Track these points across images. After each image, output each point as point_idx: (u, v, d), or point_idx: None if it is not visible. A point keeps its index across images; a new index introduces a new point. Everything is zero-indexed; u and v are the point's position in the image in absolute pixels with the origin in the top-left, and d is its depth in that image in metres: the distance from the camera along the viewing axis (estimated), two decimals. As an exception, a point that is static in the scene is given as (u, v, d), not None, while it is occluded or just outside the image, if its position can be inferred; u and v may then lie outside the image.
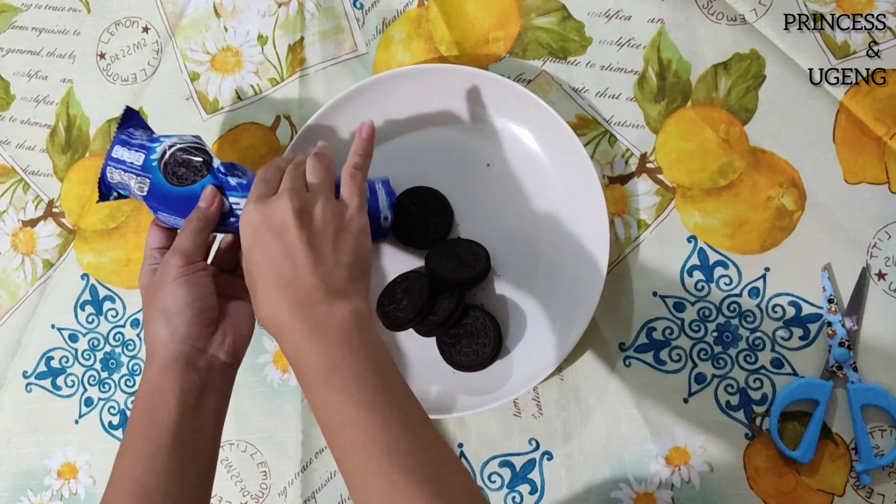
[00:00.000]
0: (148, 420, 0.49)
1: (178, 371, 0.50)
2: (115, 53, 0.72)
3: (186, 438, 0.49)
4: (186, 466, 0.49)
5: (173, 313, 0.51)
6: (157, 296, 0.52)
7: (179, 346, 0.50)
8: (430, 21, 0.67)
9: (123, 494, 0.47)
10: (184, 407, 0.49)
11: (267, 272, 0.48)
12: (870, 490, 0.59)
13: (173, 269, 0.52)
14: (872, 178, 0.61)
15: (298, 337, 0.46)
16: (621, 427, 0.62)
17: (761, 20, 0.63)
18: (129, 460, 0.49)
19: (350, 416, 0.43)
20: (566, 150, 0.61)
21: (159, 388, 0.49)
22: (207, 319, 0.52)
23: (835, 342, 0.60)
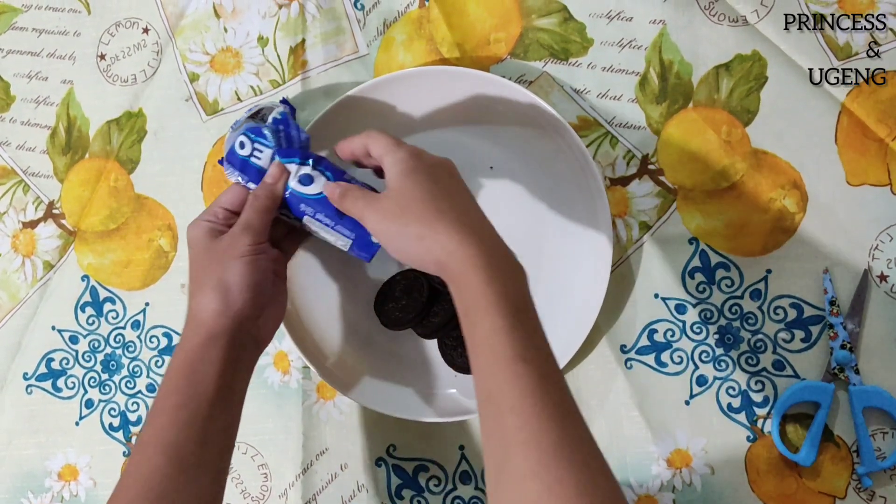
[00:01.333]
0: (188, 387, 0.49)
1: (224, 345, 0.50)
2: (115, 54, 0.71)
3: (221, 410, 0.50)
4: (217, 437, 0.50)
5: (233, 290, 0.51)
6: (220, 267, 0.51)
7: (230, 322, 0.50)
8: (431, 22, 0.67)
9: (157, 455, 0.48)
10: (223, 380, 0.50)
11: (442, 200, 0.47)
12: (871, 493, 0.59)
13: (242, 246, 0.51)
14: (874, 179, 0.61)
15: (485, 263, 0.44)
16: (623, 429, 0.62)
17: (763, 21, 0.63)
18: (165, 421, 0.49)
19: (531, 354, 0.42)
20: (568, 152, 0.61)
21: (202, 358, 0.50)
22: (261, 303, 0.53)
23: (836, 344, 0.60)
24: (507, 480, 0.39)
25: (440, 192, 0.48)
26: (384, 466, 0.65)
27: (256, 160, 0.55)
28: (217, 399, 0.49)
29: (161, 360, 0.69)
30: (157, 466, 0.47)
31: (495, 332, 0.42)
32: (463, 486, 0.64)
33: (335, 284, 0.66)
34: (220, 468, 0.50)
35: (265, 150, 0.55)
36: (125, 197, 0.70)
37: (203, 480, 0.48)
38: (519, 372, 0.41)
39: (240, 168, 0.56)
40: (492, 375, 0.42)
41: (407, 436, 0.65)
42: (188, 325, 0.51)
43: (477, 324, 0.43)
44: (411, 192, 0.48)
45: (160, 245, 0.69)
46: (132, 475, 0.48)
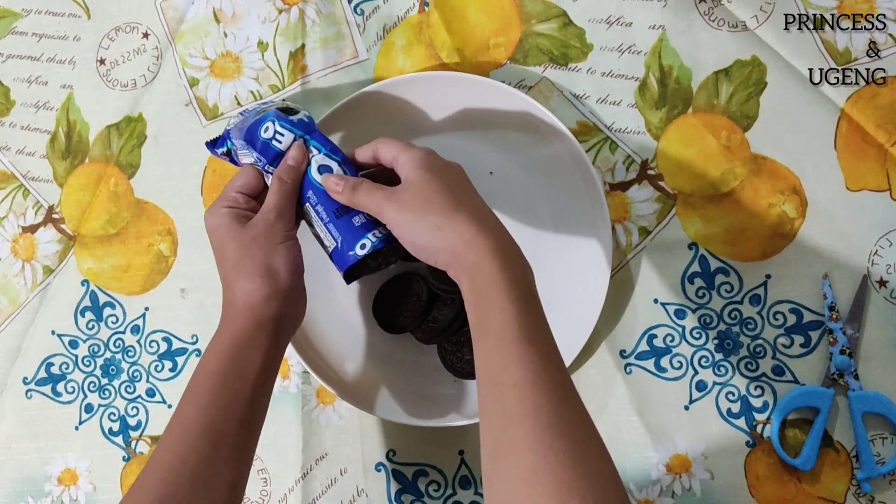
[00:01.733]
0: (233, 369, 0.50)
1: (272, 329, 0.51)
2: (115, 59, 0.71)
3: (260, 396, 0.51)
4: (254, 419, 0.51)
5: (281, 273, 0.51)
6: (263, 252, 0.51)
7: (280, 306, 0.51)
8: (430, 27, 0.67)
9: (195, 435, 0.48)
10: (266, 365, 0.51)
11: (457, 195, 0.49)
12: (871, 498, 0.59)
13: (281, 231, 0.52)
14: (874, 185, 0.61)
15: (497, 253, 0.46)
16: (622, 434, 0.62)
17: (762, 27, 0.63)
18: (205, 402, 0.49)
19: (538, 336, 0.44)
20: (567, 157, 0.61)
21: (250, 342, 0.50)
22: (302, 286, 0.54)
23: (836, 350, 0.60)
24: (504, 454, 0.40)
25: (456, 187, 0.50)
26: (384, 471, 0.65)
27: (277, 143, 0.55)
28: (259, 383, 0.50)
29: (161, 364, 0.69)
30: (195, 447, 0.47)
31: (504, 314, 0.44)
32: (462, 492, 0.64)
33: (335, 289, 0.66)
34: (251, 452, 0.51)
35: (286, 135, 0.55)
36: (125, 201, 0.70)
37: (236, 462, 0.49)
38: (524, 352, 0.42)
39: (259, 150, 0.55)
40: (498, 354, 0.43)
41: (406, 441, 0.65)
42: (231, 310, 0.52)
43: (489, 307, 0.45)
44: (430, 184, 0.49)
45: (160, 250, 0.69)
46: (167, 452, 0.48)
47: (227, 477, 0.48)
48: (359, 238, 0.53)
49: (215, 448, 0.48)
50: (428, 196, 0.49)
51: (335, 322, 0.65)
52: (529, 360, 0.42)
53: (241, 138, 0.56)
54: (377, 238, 0.53)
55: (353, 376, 0.64)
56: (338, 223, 0.53)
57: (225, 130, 0.59)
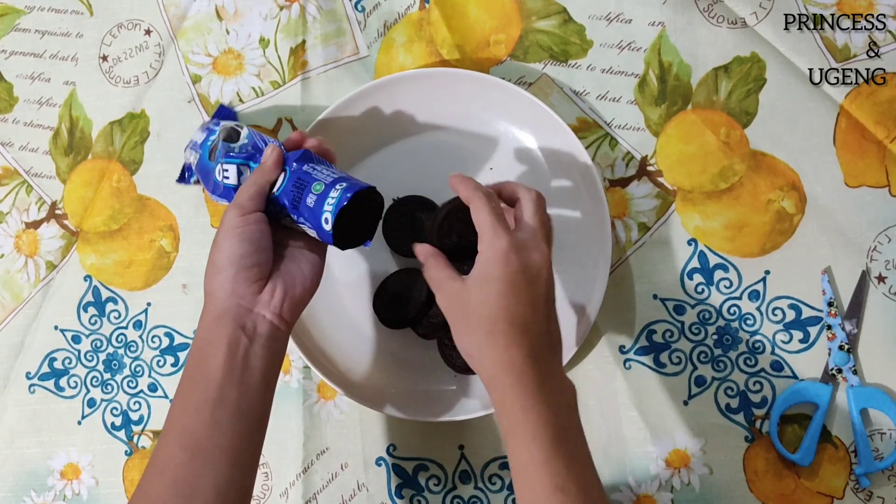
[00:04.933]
0: (198, 371, 0.50)
1: (226, 326, 0.50)
2: (117, 56, 0.72)
3: (233, 393, 0.49)
4: (234, 421, 0.49)
5: (220, 268, 0.51)
6: (213, 248, 0.51)
7: (226, 301, 0.50)
8: (431, 24, 0.67)
9: (172, 442, 0.48)
10: (231, 362, 0.49)
11: (509, 314, 0.47)
12: (869, 493, 0.59)
13: (228, 222, 0.51)
14: (873, 181, 0.61)
15: (530, 386, 0.46)
16: (621, 429, 0.62)
17: (762, 23, 0.63)
18: (178, 408, 0.49)
19: (571, 483, 0.44)
20: (567, 153, 0.62)
21: (208, 341, 0.50)
22: (253, 276, 0.51)
23: (835, 345, 0.60)
24: None
25: (518, 304, 0.48)
26: (384, 466, 0.65)
27: (226, 179, 0.57)
28: (226, 381, 0.49)
29: (163, 359, 0.69)
30: (172, 455, 0.47)
31: (534, 463, 0.45)
32: (462, 486, 0.64)
33: (335, 283, 0.66)
34: (242, 453, 0.49)
35: (230, 169, 0.56)
36: (127, 198, 0.70)
37: (220, 466, 0.47)
38: (556, 501, 0.43)
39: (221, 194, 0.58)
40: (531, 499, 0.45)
41: (407, 435, 0.65)
42: (202, 313, 0.52)
43: (517, 452, 0.46)
44: (476, 303, 0.48)
45: (162, 245, 0.70)
46: (152, 466, 0.48)
47: (209, 481, 0.47)
48: (320, 216, 0.51)
49: (191, 454, 0.47)
50: (467, 315, 0.48)
51: (336, 317, 0.66)
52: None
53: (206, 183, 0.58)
54: (332, 205, 0.51)
55: (354, 371, 0.65)
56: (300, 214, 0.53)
57: (185, 165, 0.63)
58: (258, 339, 0.51)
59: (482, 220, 0.50)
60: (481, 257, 0.49)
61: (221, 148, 0.57)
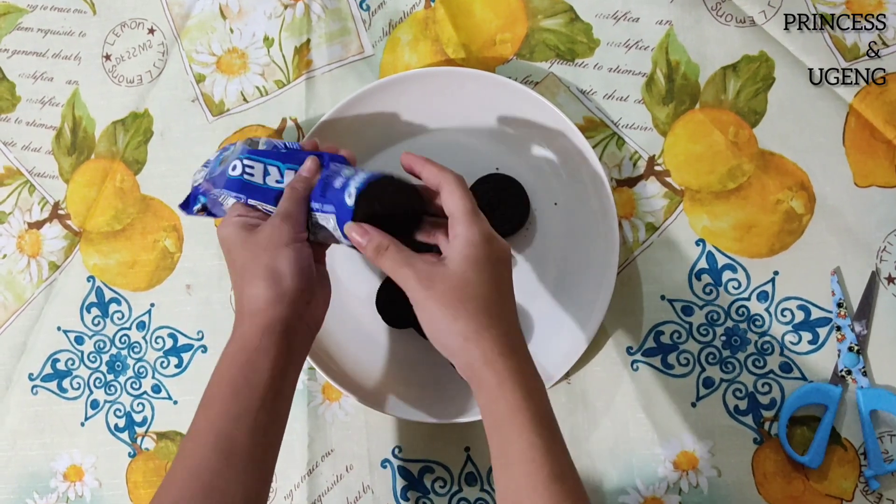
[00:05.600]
0: (242, 378, 0.49)
1: (279, 333, 0.50)
2: (120, 55, 0.71)
3: (273, 402, 0.49)
4: (268, 428, 0.49)
5: (286, 276, 0.50)
6: (267, 255, 0.50)
7: (286, 309, 0.50)
8: (436, 23, 0.67)
9: (209, 447, 0.47)
10: (276, 371, 0.49)
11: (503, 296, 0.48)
12: (879, 495, 0.59)
13: (286, 234, 0.51)
14: (882, 181, 0.61)
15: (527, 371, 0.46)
16: (629, 431, 0.62)
17: (770, 22, 0.63)
18: (218, 412, 0.48)
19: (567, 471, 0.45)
20: (574, 153, 0.61)
21: (258, 348, 0.49)
22: (311, 288, 0.52)
23: (844, 346, 0.60)
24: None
25: (497, 292, 0.48)
26: (390, 468, 0.65)
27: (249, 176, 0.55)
28: (270, 390, 0.49)
29: (166, 360, 0.69)
30: (207, 458, 0.47)
31: (533, 449, 0.44)
32: (468, 488, 0.64)
33: (339, 284, 0.66)
34: (269, 460, 0.50)
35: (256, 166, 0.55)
36: (131, 198, 0.70)
37: (252, 473, 0.48)
38: (555, 490, 0.43)
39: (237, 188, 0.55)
40: (528, 491, 0.43)
41: (412, 437, 0.65)
42: (240, 317, 0.51)
43: (511, 440, 0.45)
44: (473, 285, 0.47)
45: (165, 246, 0.69)
46: (181, 468, 0.48)
47: (242, 490, 0.47)
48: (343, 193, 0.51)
49: (228, 460, 0.47)
50: (466, 298, 0.46)
51: (340, 317, 0.65)
52: (560, 497, 0.43)
53: (217, 187, 0.56)
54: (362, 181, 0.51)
55: (359, 372, 0.64)
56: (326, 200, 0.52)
57: (193, 188, 0.59)
58: (296, 348, 0.52)
59: (459, 203, 0.49)
60: (463, 239, 0.48)
61: (241, 149, 0.56)
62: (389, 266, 0.49)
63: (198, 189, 0.59)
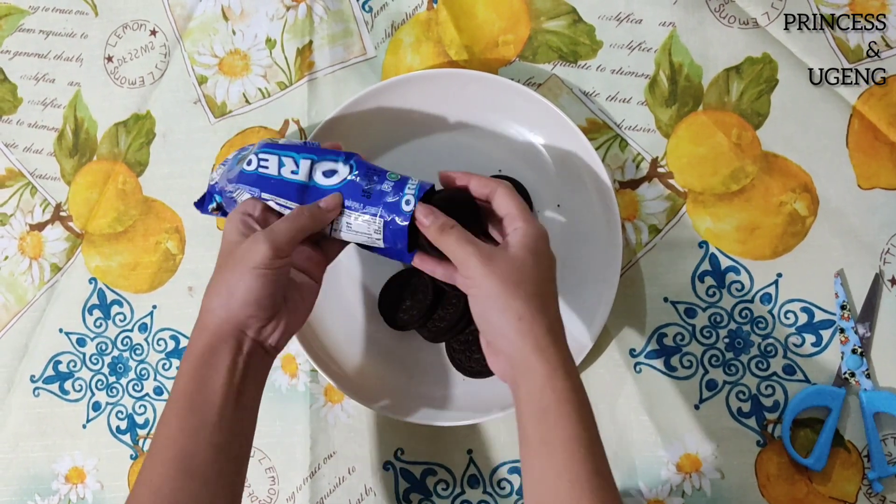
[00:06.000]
0: (197, 393, 0.49)
1: (229, 351, 0.49)
2: (122, 56, 0.71)
3: (231, 416, 0.49)
4: (229, 443, 0.49)
5: (238, 299, 0.49)
6: (231, 271, 0.49)
7: (232, 328, 0.49)
8: (439, 24, 0.67)
9: (167, 464, 0.47)
10: (231, 387, 0.49)
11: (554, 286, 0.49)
12: (882, 498, 0.59)
13: (258, 258, 0.49)
14: (886, 183, 0.61)
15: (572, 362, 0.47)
16: (632, 433, 0.62)
17: (773, 24, 0.63)
18: (175, 430, 0.48)
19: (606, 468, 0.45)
20: (577, 155, 0.61)
21: (209, 363, 0.49)
22: (268, 316, 0.50)
23: (847, 349, 0.60)
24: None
25: (550, 284, 0.50)
26: (392, 470, 0.65)
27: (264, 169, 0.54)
28: (225, 405, 0.49)
29: (168, 362, 0.69)
30: (168, 476, 0.47)
31: (578, 442, 0.44)
32: (471, 490, 0.64)
33: (342, 287, 0.66)
34: (233, 475, 0.50)
35: (270, 159, 0.54)
36: (133, 199, 0.70)
37: (215, 488, 0.48)
38: (596, 485, 0.44)
39: (252, 182, 0.54)
40: (569, 483, 0.44)
41: (415, 439, 0.65)
42: (197, 325, 0.51)
43: (557, 428, 0.45)
44: (532, 270, 0.48)
45: (168, 248, 0.69)
46: (143, 485, 0.47)
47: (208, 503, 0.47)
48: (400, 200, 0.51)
49: (188, 476, 0.47)
50: (523, 279, 0.47)
51: (342, 319, 0.65)
52: (601, 494, 0.43)
53: (233, 182, 0.55)
54: (415, 187, 0.52)
55: (362, 374, 0.64)
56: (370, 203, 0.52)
57: (209, 187, 0.59)
58: (253, 365, 0.51)
59: (513, 203, 0.50)
60: (523, 231, 0.49)
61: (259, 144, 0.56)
62: (452, 243, 0.49)
63: (213, 188, 0.59)
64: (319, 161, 0.54)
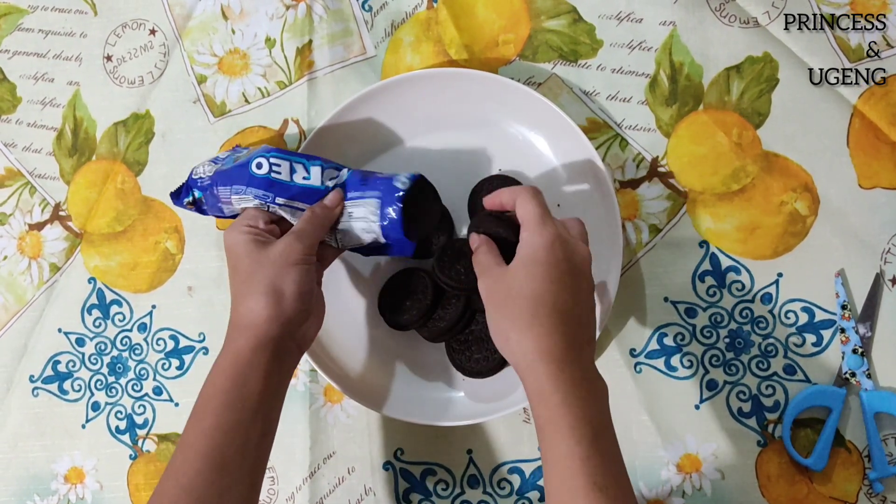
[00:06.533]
0: (234, 391, 0.49)
1: (272, 350, 0.50)
2: (121, 56, 0.71)
3: (262, 418, 0.50)
4: (260, 443, 0.50)
5: (286, 296, 0.51)
6: (272, 272, 0.51)
7: (280, 328, 0.50)
8: (439, 24, 0.67)
9: (200, 460, 0.48)
10: (268, 386, 0.50)
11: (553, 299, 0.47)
12: (883, 498, 0.59)
13: (296, 254, 0.52)
14: (887, 182, 0.61)
15: (571, 377, 0.45)
16: (632, 434, 0.62)
17: (774, 23, 0.63)
18: (209, 426, 0.49)
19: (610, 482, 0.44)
20: (577, 154, 0.61)
21: (250, 363, 0.50)
22: (308, 311, 0.53)
23: (848, 349, 0.60)
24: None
25: (561, 290, 0.47)
26: (392, 470, 0.65)
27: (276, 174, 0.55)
28: (261, 404, 0.50)
29: (167, 362, 0.68)
30: (199, 470, 0.47)
31: (572, 457, 0.44)
32: (471, 490, 0.64)
33: (341, 287, 0.65)
34: (258, 471, 0.50)
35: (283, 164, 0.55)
36: (132, 199, 0.70)
37: (243, 485, 0.49)
38: (594, 500, 0.43)
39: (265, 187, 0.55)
40: (568, 498, 0.43)
41: (415, 439, 0.64)
42: (234, 328, 0.51)
43: (553, 444, 0.45)
44: (521, 285, 0.47)
45: (167, 247, 0.69)
46: (174, 477, 0.48)
47: (235, 500, 0.48)
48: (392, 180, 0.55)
49: (220, 473, 0.47)
50: (511, 297, 0.47)
51: (342, 320, 0.65)
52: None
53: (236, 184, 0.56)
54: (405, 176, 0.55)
55: (361, 374, 0.64)
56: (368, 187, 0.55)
57: (189, 180, 0.60)
58: (287, 363, 0.53)
59: (529, 209, 0.50)
60: (526, 243, 0.49)
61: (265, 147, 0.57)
62: (479, 257, 0.51)
63: (194, 182, 0.59)
64: (327, 168, 0.56)
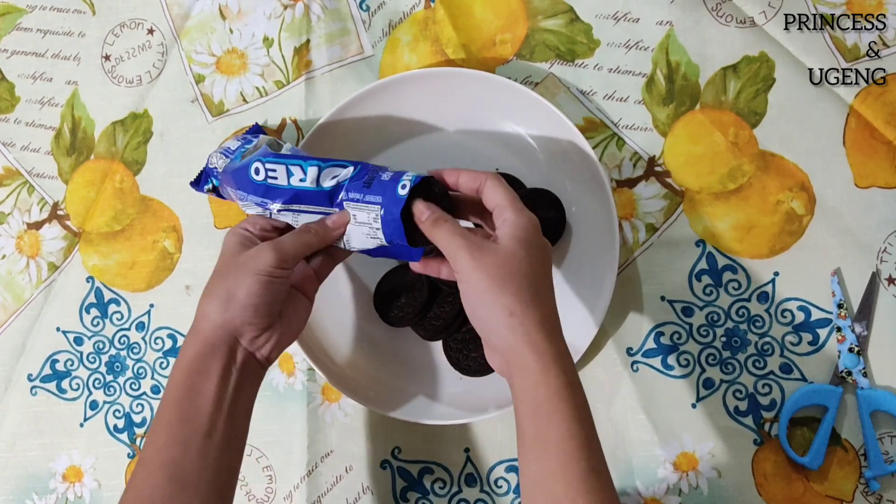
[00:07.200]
0: (188, 401, 0.48)
1: (221, 358, 0.49)
2: (119, 55, 0.71)
3: (221, 427, 0.48)
4: (219, 454, 0.48)
5: (236, 304, 0.49)
6: (233, 276, 0.50)
7: (228, 335, 0.49)
8: (436, 23, 0.67)
9: (158, 473, 0.47)
10: (222, 396, 0.49)
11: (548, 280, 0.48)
12: (879, 496, 0.59)
13: (262, 264, 0.49)
14: (883, 182, 0.61)
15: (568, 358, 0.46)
16: (629, 432, 0.62)
17: (771, 23, 0.63)
18: (166, 438, 0.48)
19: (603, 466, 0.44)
20: (574, 154, 0.61)
21: (200, 371, 0.48)
22: (264, 325, 0.50)
23: (844, 347, 0.60)
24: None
25: (543, 275, 0.47)
26: (389, 469, 0.65)
27: (273, 180, 0.54)
28: (216, 415, 0.48)
29: (166, 361, 0.69)
30: (158, 485, 0.46)
31: (572, 439, 0.43)
32: (468, 489, 0.64)
33: (337, 283, 0.66)
34: (223, 484, 0.49)
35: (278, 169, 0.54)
36: (130, 198, 0.70)
37: (206, 497, 0.47)
38: (591, 484, 0.43)
39: (262, 193, 0.54)
40: (564, 482, 0.43)
41: (412, 438, 0.65)
42: (190, 332, 0.50)
43: (551, 424, 0.44)
44: (522, 263, 0.46)
45: (165, 246, 0.69)
46: (132, 492, 0.47)
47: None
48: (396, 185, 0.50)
49: (180, 487, 0.46)
50: (515, 273, 0.46)
51: (338, 317, 0.65)
52: (596, 494, 0.42)
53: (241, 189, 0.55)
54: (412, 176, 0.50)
55: (359, 373, 0.64)
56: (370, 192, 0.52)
57: (207, 168, 0.60)
58: (245, 376, 0.50)
59: (502, 194, 0.49)
60: (513, 223, 0.48)
61: (264, 150, 0.57)
62: (444, 237, 0.48)
63: (212, 171, 0.59)
64: (326, 168, 0.54)
